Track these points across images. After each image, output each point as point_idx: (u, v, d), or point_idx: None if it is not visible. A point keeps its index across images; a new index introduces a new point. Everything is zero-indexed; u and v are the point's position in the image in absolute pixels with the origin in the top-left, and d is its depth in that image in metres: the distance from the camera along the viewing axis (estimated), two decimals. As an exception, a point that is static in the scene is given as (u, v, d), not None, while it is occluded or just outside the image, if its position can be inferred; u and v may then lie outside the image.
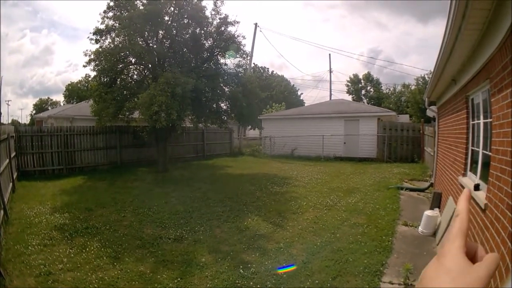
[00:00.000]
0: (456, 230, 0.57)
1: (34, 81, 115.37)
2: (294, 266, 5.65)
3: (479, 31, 3.83)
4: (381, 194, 10.78)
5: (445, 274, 0.52)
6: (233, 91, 15.58)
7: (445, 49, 4.75)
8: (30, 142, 13.99)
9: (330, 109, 23.54)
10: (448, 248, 0.56)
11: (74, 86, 56.84)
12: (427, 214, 7.04)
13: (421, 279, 0.55)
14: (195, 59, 15.31)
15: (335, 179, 13.78)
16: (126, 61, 14.84)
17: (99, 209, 9.08)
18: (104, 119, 14.22)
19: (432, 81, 7.70)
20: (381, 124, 20.13)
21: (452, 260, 0.53)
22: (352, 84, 58.18)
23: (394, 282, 5.00)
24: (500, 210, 3.06)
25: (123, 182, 13.08)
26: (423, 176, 13.60)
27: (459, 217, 0.59)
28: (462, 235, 0.56)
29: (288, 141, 23.22)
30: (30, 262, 5.63)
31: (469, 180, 5.33)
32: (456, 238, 0.56)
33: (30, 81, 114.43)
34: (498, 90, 3.35)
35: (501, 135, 3.25)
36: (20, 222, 7.75)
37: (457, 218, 0.59)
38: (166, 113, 12.04)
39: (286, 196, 10.67)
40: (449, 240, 0.57)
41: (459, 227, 0.58)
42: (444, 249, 0.56)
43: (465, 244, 0.55)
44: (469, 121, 5.71)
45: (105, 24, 14.25)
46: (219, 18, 15.11)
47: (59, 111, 23.35)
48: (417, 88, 38.39)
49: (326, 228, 7.59)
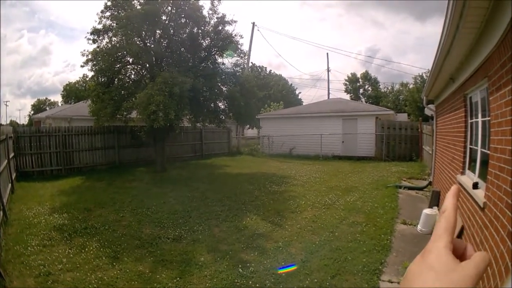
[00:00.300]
0: (442, 227, 0.56)
1: (32, 81, 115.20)
2: (293, 266, 5.64)
3: (477, 30, 3.83)
4: (380, 192, 10.79)
5: (429, 271, 0.50)
6: (231, 90, 15.57)
7: (443, 47, 4.75)
8: (28, 142, 13.94)
9: (328, 108, 23.54)
10: (433, 245, 0.54)
11: (72, 86, 56.90)
12: (426, 212, 7.05)
13: (405, 276, 0.54)
14: (193, 58, 15.30)
15: (334, 178, 13.79)
16: (123, 61, 14.81)
17: (98, 209, 9.07)
18: (102, 119, 14.18)
19: (430, 79, 7.71)
20: (379, 123, 20.14)
21: (437, 257, 0.52)
22: (350, 83, 58.29)
23: (393, 281, 5.00)
24: (499, 209, 3.06)
25: (121, 182, 13.07)
26: (421, 175, 13.63)
27: (446, 214, 0.57)
28: (449, 232, 0.55)
29: (286, 140, 23.20)
30: (30, 262, 5.63)
31: (468, 178, 5.33)
32: (442, 235, 0.54)
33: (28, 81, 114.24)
34: (496, 89, 3.35)
35: (500, 134, 3.25)
36: (19, 223, 7.74)
37: (444, 215, 0.57)
38: (164, 112, 12.02)
39: (285, 195, 10.67)
40: (435, 236, 0.55)
41: (445, 224, 0.56)
42: (429, 246, 0.55)
43: (451, 241, 0.54)
44: (467, 119, 5.72)
45: (103, 24, 14.22)
46: (216, 18, 15.11)
47: (57, 112, 23.29)
48: (415, 87, 38.50)
49: (325, 227, 7.60)
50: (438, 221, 0.57)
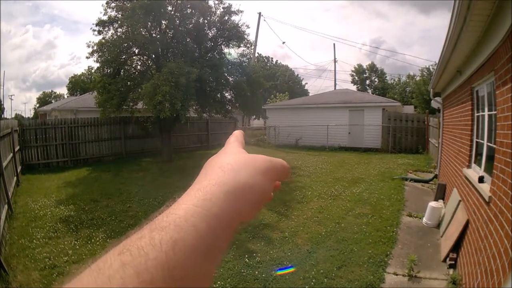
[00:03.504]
0: (231, 138, 0.59)
1: (37, 75, 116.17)
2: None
3: (483, 23, 3.81)
4: (386, 184, 10.79)
5: (223, 153, 0.52)
6: (237, 80, 15.52)
7: (450, 40, 4.73)
8: (34, 135, 14.02)
9: (335, 99, 23.43)
10: (226, 146, 0.57)
11: (77, 78, 56.88)
12: (432, 205, 7.05)
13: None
14: (199, 49, 15.23)
15: (340, 169, 13.79)
16: (129, 52, 14.76)
17: (104, 200, 9.16)
18: (108, 110, 14.18)
19: (437, 72, 7.67)
20: (386, 114, 20.02)
21: (231, 147, 0.55)
22: (356, 74, 57.87)
23: (398, 273, 5.04)
24: (504, 203, 3.07)
25: (128, 172, 13.17)
26: (427, 167, 13.58)
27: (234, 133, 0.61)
28: (238, 139, 0.59)
29: (292, 131, 23.12)
30: (35, 255, 5.68)
31: (474, 172, 5.32)
32: (232, 140, 0.58)
33: (33, 75, 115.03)
34: (503, 83, 3.34)
35: (506, 128, 3.25)
36: (24, 216, 7.80)
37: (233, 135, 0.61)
38: (170, 103, 12.02)
39: (291, 186, 10.69)
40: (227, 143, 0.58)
41: (234, 137, 0.60)
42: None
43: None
44: (474, 113, 5.70)
45: (108, 15, 14.16)
46: (222, 8, 14.97)
47: (63, 104, 23.36)
48: (421, 79, 38.07)
49: (331, 218, 7.64)
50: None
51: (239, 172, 0.45)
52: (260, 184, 0.46)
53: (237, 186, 0.43)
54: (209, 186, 0.42)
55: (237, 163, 0.47)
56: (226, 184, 0.42)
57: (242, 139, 0.60)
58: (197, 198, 0.40)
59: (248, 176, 0.45)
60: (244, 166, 0.46)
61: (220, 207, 0.40)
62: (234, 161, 0.47)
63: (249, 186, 0.44)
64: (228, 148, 0.55)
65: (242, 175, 0.45)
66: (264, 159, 0.50)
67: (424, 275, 4.95)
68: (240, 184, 0.43)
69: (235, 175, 0.44)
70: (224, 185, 0.42)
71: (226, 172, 0.45)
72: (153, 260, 0.32)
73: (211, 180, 0.43)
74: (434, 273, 5.00)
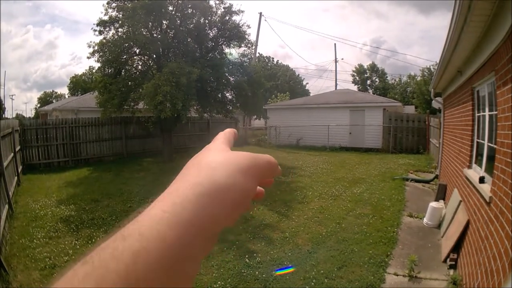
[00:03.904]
0: (219, 136, 0.58)
1: (38, 75, 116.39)
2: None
3: (484, 23, 3.81)
4: (387, 184, 10.79)
5: (207, 151, 0.51)
6: (238, 80, 15.54)
7: (450, 41, 4.73)
8: (35, 135, 14.03)
9: (336, 99, 23.39)
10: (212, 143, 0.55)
11: (78, 78, 56.86)
12: (433, 205, 7.04)
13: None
14: (200, 49, 15.24)
15: (341, 169, 13.78)
16: (130, 52, 14.77)
17: (105, 200, 9.17)
18: (109, 110, 14.19)
19: (437, 72, 7.67)
20: (386, 114, 19.99)
21: (215, 144, 0.53)
22: (357, 74, 57.86)
23: (399, 274, 5.03)
24: (504, 204, 3.07)
25: (129, 172, 13.18)
26: (428, 168, 13.57)
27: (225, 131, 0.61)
28: (225, 136, 0.58)
29: (293, 131, 23.10)
30: (35, 255, 5.68)
31: (474, 172, 5.32)
32: (219, 137, 0.57)
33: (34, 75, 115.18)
34: (504, 83, 3.34)
35: (506, 128, 3.25)
36: (25, 216, 7.81)
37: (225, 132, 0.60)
38: (171, 103, 12.03)
39: (292, 186, 10.69)
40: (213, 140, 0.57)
41: (223, 134, 0.59)
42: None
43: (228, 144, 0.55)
44: (474, 113, 5.69)
45: (109, 15, 14.17)
46: (223, 8, 14.98)
47: (64, 104, 23.34)
48: (422, 79, 38.06)
49: (332, 218, 7.64)
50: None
51: (216, 171, 0.42)
52: (240, 183, 0.42)
53: (213, 187, 0.39)
54: (182, 188, 0.39)
55: (215, 161, 0.44)
56: (201, 185, 0.39)
57: (231, 137, 0.59)
58: (167, 202, 0.37)
59: (227, 175, 0.41)
60: (222, 164, 0.43)
61: (192, 211, 0.36)
62: (213, 159, 0.45)
63: (227, 186, 0.40)
64: (211, 146, 0.53)
65: (219, 174, 0.41)
66: (246, 156, 0.46)
67: (425, 275, 4.95)
68: (216, 185, 0.40)
69: (212, 175, 0.41)
70: (198, 186, 0.39)
71: (202, 171, 0.42)
72: (113, 273, 0.29)
73: (185, 181, 0.41)
74: (435, 274, 4.99)
